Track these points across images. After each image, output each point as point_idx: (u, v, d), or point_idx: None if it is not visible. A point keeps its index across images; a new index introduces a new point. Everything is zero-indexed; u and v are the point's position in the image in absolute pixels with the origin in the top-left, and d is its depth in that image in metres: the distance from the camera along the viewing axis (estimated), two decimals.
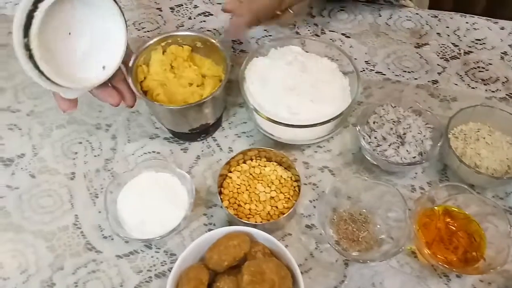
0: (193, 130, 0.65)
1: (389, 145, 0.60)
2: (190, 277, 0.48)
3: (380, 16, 0.82)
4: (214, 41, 0.65)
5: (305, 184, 0.64)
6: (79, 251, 0.59)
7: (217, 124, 0.68)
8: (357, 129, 0.62)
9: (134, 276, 0.57)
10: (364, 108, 0.64)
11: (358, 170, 0.65)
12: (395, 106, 0.64)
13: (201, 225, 0.61)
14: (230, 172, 0.62)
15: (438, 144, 0.59)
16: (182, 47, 0.66)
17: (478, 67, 0.75)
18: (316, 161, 0.66)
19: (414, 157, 0.60)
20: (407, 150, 0.60)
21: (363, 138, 0.61)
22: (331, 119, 0.61)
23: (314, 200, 0.63)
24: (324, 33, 0.80)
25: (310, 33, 0.80)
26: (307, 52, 0.69)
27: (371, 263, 0.53)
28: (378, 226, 0.58)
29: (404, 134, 0.61)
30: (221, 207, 0.62)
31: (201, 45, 0.66)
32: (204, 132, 0.67)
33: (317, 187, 0.64)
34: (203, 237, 0.52)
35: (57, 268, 0.58)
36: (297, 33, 0.80)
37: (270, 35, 0.80)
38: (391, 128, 0.61)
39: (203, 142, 0.68)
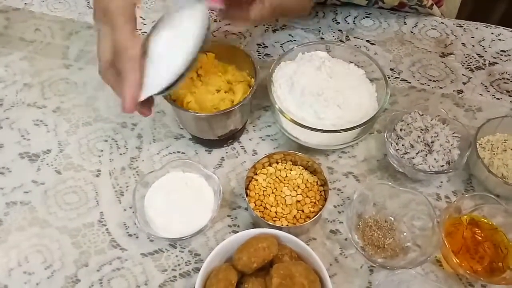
0: (221, 137, 0.65)
1: (416, 153, 0.60)
2: (219, 278, 0.49)
3: (405, 24, 0.82)
4: (238, 46, 0.65)
5: (330, 189, 0.63)
6: (104, 248, 0.59)
7: (242, 129, 0.69)
8: (385, 136, 0.62)
9: (158, 275, 0.57)
10: (392, 115, 0.64)
11: (382, 177, 0.65)
12: (422, 114, 0.64)
13: (225, 227, 0.61)
14: (256, 174, 0.62)
15: (466, 154, 0.59)
16: (206, 54, 0.65)
17: (503, 78, 0.75)
18: (341, 167, 0.66)
19: (442, 166, 0.60)
20: (434, 159, 0.60)
21: (391, 145, 0.61)
22: (359, 125, 0.61)
23: (338, 206, 0.63)
24: (349, 39, 0.80)
25: (335, 39, 0.80)
26: (333, 57, 0.70)
27: (397, 270, 0.53)
28: (404, 233, 0.58)
29: (432, 142, 0.61)
30: (246, 209, 0.62)
31: (224, 51, 0.66)
32: (231, 138, 0.67)
33: (342, 192, 0.64)
34: (230, 239, 0.53)
35: (81, 264, 0.58)
36: (322, 38, 0.81)
37: (295, 40, 0.80)
38: (419, 136, 0.62)
39: (227, 144, 0.68)
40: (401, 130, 0.63)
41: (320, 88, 0.64)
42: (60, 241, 0.60)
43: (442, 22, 0.82)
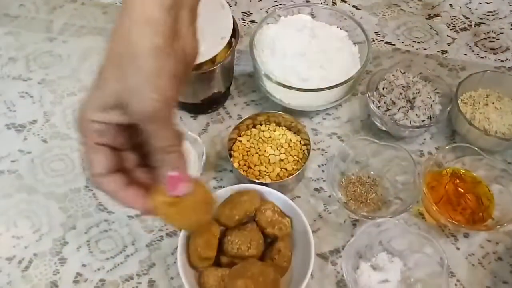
0: (204, 101, 0.65)
1: (398, 109, 0.61)
2: (202, 231, 0.49)
3: None
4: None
5: (314, 149, 0.64)
6: (91, 212, 0.60)
7: (226, 94, 0.69)
8: (367, 95, 0.62)
9: (145, 235, 0.58)
10: (375, 75, 0.64)
11: (366, 136, 0.65)
12: (404, 72, 0.64)
13: (211, 188, 0.62)
14: (240, 136, 0.62)
15: (448, 108, 0.59)
16: None
17: (489, 37, 0.75)
18: (325, 128, 0.67)
19: (423, 121, 0.60)
20: (416, 114, 0.60)
21: (373, 103, 0.62)
22: (341, 83, 0.61)
23: (322, 165, 0.63)
24: (335, 5, 0.80)
25: (321, 3, 0.80)
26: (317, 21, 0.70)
27: (378, 219, 0.53)
28: (387, 188, 0.59)
29: (414, 98, 0.61)
30: (231, 171, 0.63)
31: None
32: (215, 103, 0.67)
33: (326, 152, 0.64)
34: (213, 195, 0.53)
35: (69, 227, 0.59)
36: (308, 1, 0.80)
37: (280, 4, 0.80)
38: (401, 93, 0.62)
39: (212, 110, 0.69)
40: (383, 88, 0.63)
41: (302, 49, 0.64)
42: (48, 206, 0.61)
43: None
